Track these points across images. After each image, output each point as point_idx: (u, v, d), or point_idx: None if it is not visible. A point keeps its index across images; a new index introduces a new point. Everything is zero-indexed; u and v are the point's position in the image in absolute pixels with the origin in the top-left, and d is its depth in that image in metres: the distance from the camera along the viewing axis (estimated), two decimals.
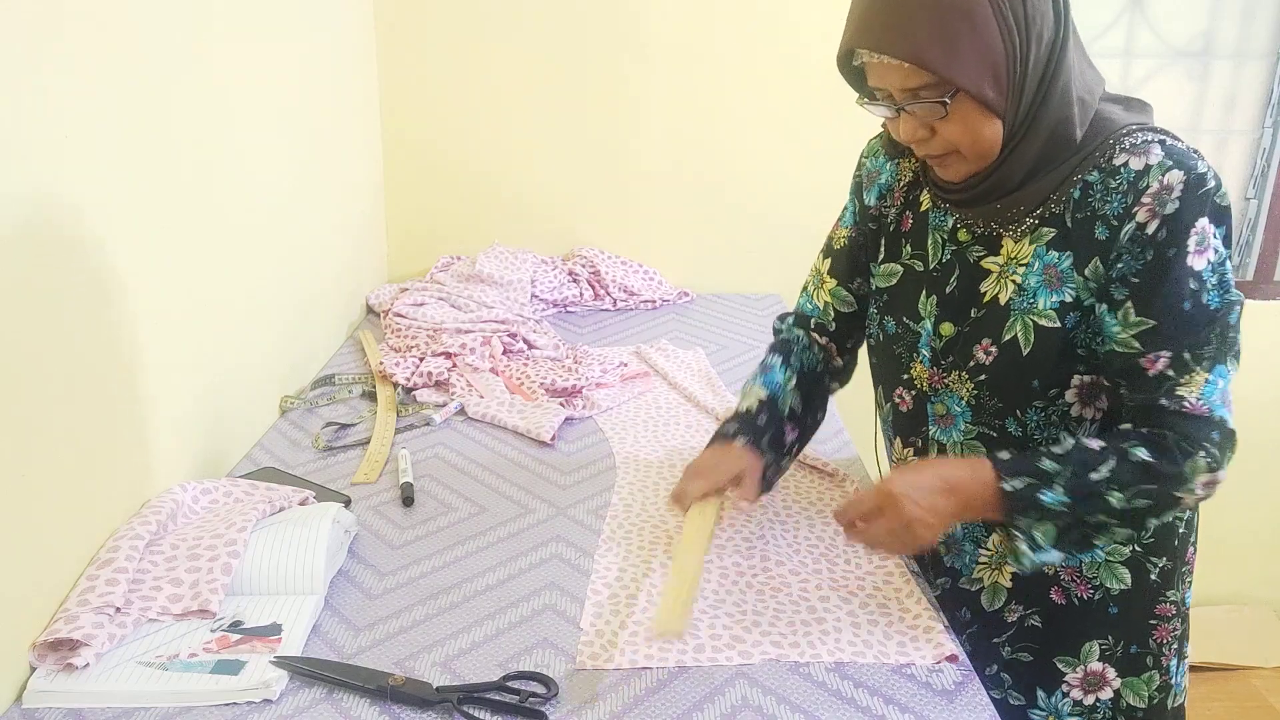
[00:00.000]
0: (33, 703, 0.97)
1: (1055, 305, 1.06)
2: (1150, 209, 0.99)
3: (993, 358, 1.10)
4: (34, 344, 1.02)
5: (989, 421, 1.13)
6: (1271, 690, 2.57)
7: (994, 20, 0.97)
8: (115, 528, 1.15)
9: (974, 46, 0.98)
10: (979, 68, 0.98)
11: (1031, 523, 1.00)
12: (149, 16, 1.26)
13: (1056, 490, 0.99)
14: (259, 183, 1.64)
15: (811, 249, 1.39)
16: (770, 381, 1.30)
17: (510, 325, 1.99)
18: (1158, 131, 1.04)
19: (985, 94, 0.99)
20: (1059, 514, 0.99)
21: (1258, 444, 2.65)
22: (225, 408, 1.50)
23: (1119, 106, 1.09)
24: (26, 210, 1.01)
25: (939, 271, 1.16)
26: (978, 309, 1.12)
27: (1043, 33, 1.00)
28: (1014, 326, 1.09)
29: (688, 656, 1.05)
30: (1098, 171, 1.04)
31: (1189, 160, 1.00)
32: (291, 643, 1.04)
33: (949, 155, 1.06)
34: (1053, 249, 1.06)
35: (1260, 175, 2.57)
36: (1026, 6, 0.98)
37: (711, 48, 2.30)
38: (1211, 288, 1.00)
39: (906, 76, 1.01)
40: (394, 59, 2.31)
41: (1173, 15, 2.45)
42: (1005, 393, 1.11)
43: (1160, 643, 1.18)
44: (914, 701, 0.99)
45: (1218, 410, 1.00)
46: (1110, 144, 1.03)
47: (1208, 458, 0.99)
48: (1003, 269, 1.10)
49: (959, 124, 1.02)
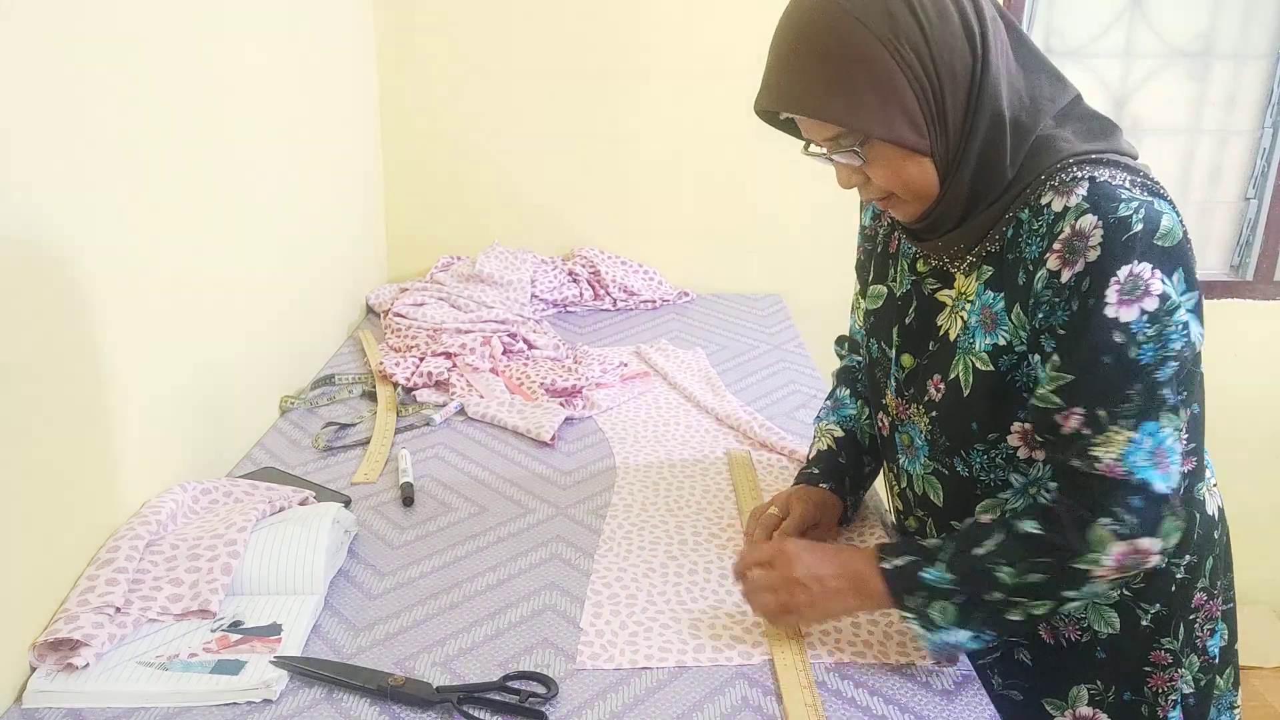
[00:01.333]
0: (33, 703, 0.97)
1: (989, 348, 1.01)
2: (1060, 255, 0.93)
3: (941, 394, 1.07)
4: (35, 344, 1.02)
5: (940, 459, 1.10)
6: (1271, 690, 2.57)
7: (892, 61, 0.93)
8: (115, 528, 1.15)
9: (875, 92, 0.94)
10: (885, 112, 0.95)
11: (923, 602, 0.97)
12: (149, 16, 1.26)
13: (938, 567, 0.97)
14: (258, 183, 1.64)
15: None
16: (844, 416, 1.32)
17: (510, 325, 1.99)
18: (1101, 164, 0.96)
19: (901, 136, 0.95)
20: (949, 591, 0.96)
21: (1258, 444, 2.67)
22: (225, 408, 1.50)
23: (1075, 129, 1.00)
24: (27, 210, 1.01)
25: (901, 301, 1.14)
26: (934, 342, 1.09)
27: (953, 63, 0.94)
28: (958, 365, 1.05)
29: (688, 656, 1.05)
30: (1027, 209, 0.98)
31: (1112, 203, 0.91)
32: (291, 643, 1.04)
33: (890, 198, 1.04)
34: (989, 289, 1.02)
35: (1260, 175, 2.57)
36: (929, 40, 0.94)
37: (711, 47, 2.30)
38: (1144, 340, 0.90)
39: (821, 129, 0.99)
40: (393, 59, 2.31)
41: (1173, 15, 2.45)
42: (951, 432, 1.07)
43: (1156, 692, 1.10)
44: (914, 701, 0.99)
45: (1140, 473, 0.91)
46: (1042, 180, 0.97)
47: (1115, 525, 0.91)
48: (954, 304, 1.07)
49: (883, 168, 1.00)
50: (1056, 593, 0.95)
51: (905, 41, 0.93)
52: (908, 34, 0.93)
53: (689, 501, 1.37)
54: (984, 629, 0.97)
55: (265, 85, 1.66)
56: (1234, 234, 2.64)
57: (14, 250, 0.99)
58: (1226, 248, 2.66)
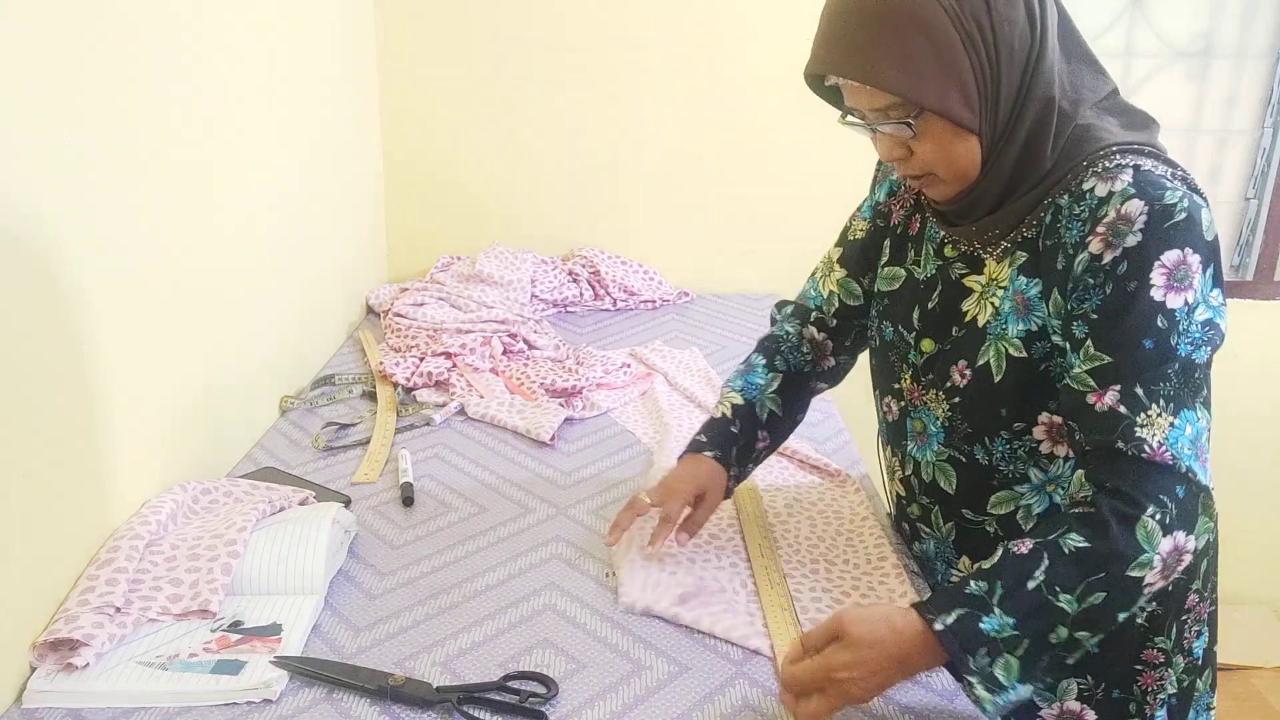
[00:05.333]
0: (33, 703, 0.97)
1: (1021, 334, 1.01)
2: (1104, 239, 0.92)
3: (967, 380, 1.06)
4: (35, 344, 1.02)
5: (959, 446, 1.09)
6: (1271, 690, 2.56)
7: (955, 34, 0.92)
8: (115, 528, 1.15)
9: (936, 64, 0.93)
10: (943, 85, 0.94)
11: (987, 661, 0.86)
12: (148, 16, 1.26)
13: (996, 614, 0.86)
14: (259, 183, 1.64)
15: (812, 249, 1.38)
16: (749, 385, 1.27)
17: (510, 325, 1.99)
18: (1143, 154, 0.96)
19: (954, 111, 0.95)
20: (1013, 640, 0.86)
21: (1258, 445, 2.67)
22: (225, 408, 1.50)
23: (1116, 120, 1.01)
24: (27, 211, 1.01)
25: (925, 285, 1.13)
26: (959, 328, 1.08)
27: (1014, 43, 0.94)
28: (988, 351, 1.04)
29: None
30: (1067, 195, 0.97)
31: (1157, 190, 0.91)
32: (291, 643, 1.04)
33: (927, 176, 1.03)
34: (1023, 274, 1.01)
35: (1260, 175, 2.57)
36: (993, 16, 0.93)
37: (710, 48, 2.30)
38: (1185, 329, 0.90)
39: (872, 97, 0.97)
40: (394, 59, 2.31)
41: (1173, 15, 2.45)
42: (975, 418, 1.06)
43: (1145, 690, 1.09)
44: (914, 701, 0.99)
45: (1185, 460, 0.88)
46: (1084, 166, 0.97)
47: (1160, 514, 0.87)
48: (984, 290, 1.06)
49: (931, 143, 0.99)
50: (1114, 615, 0.88)
51: (970, 16, 0.93)
52: (973, 8, 0.93)
53: None
54: (1046, 679, 0.89)
55: (265, 85, 1.66)
56: (1234, 234, 2.64)
57: (14, 250, 0.99)
58: (1226, 248, 2.66)
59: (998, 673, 0.86)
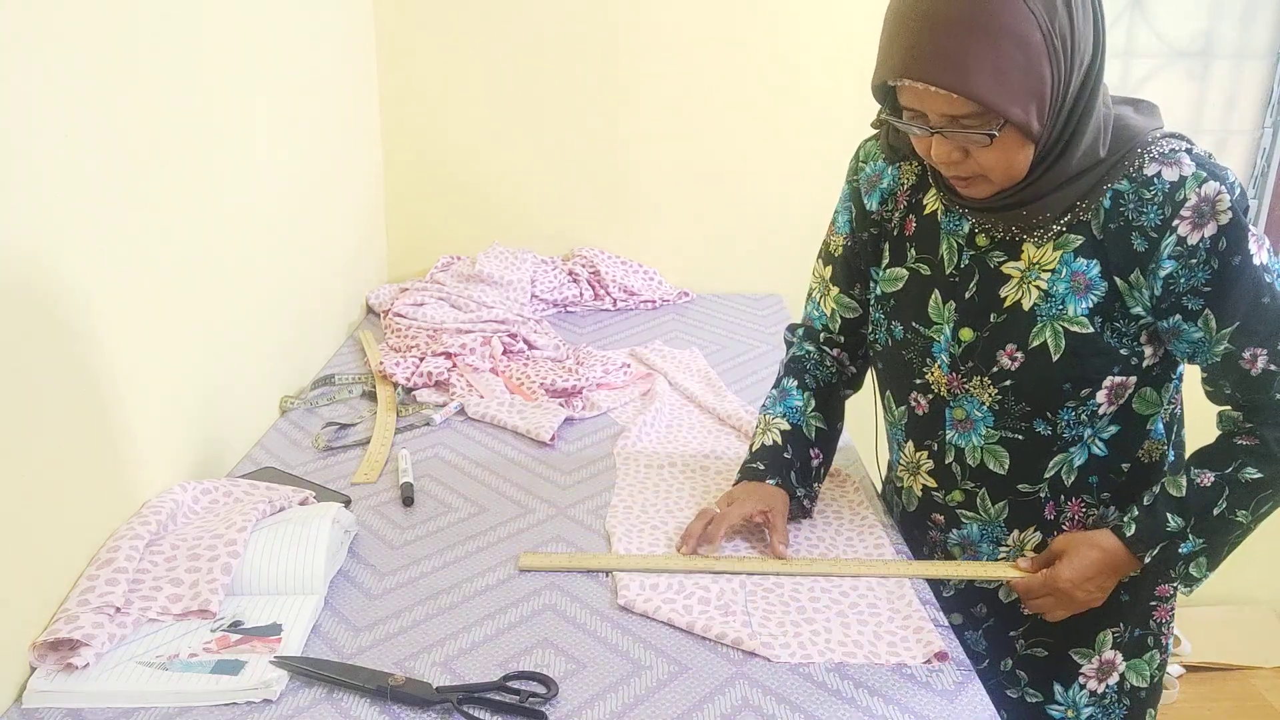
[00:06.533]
0: (33, 703, 0.97)
1: (1086, 311, 1.07)
2: (1192, 222, 1.00)
3: (1019, 364, 1.11)
4: (35, 344, 1.02)
5: (1013, 425, 1.14)
6: (1271, 690, 2.57)
7: (1045, 49, 0.94)
8: (115, 528, 1.15)
9: (1024, 76, 0.94)
10: (1027, 98, 0.95)
11: (1184, 571, 1.12)
12: (148, 17, 1.26)
13: (1190, 539, 1.10)
14: (259, 183, 1.64)
15: (812, 249, 1.39)
16: (791, 410, 1.31)
17: (510, 325, 1.99)
18: (1178, 138, 1.05)
19: (1030, 124, 0.97)
20: (1201, 551, 1.10)
21: None
22: (225, 408, 1.50)
23: (1129, 109, 1.08)
24: (27, 211, 1.01)
25: (957, 277, 1.15)
26: (998, 314, 1.12)
27: (1083, 58, 0.98)
28: (1042, 333, 1.09)
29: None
30: (1128, 181, 1.03)
31: (1219, 169, 1.02)
32: (291, 643, 1.04)
33: (976, 178, 1.04)
34: (1080, 256, 1.06)
35: (1260, 175, 2.57)
36: (1074, 33, 0.96)
37: (710, 48, 2.29)
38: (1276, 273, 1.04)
39: (952, 104, 0.97)
40: (393, 59, 2.31)
41: (1173, 15, 2.46)
42: (1035, 396, 1.12)
43: (1160, 622, 1.24)
44: (914, 701, 0.99)
45: None
46: (1138, 153, 1.03)
47: None
48: (1024, 274, 1.10)
49: (998, 151, 1.00)
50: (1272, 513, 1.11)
51: (1058, 30, 0.95)
52: (1060, 23, 0.95)
53: (690, 501, 1.37)
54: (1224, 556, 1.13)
55: (265, 85, 1.66)
56: None
57: (14, 250, 0.99)
58: None
59: (1193, 571, 1.12)
